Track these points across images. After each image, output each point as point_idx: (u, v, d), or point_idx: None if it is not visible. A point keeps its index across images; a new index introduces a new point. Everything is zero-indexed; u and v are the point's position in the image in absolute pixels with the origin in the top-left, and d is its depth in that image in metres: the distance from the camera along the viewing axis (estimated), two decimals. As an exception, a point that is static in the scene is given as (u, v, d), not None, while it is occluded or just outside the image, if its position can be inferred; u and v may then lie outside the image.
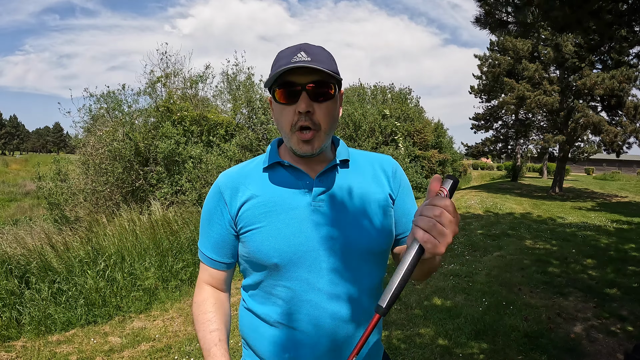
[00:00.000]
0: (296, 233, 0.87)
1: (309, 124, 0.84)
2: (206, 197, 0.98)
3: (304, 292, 0.87)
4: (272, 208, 0.88)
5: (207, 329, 0.93)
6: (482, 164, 46.72)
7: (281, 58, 0.85)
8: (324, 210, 0.89)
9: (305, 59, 0.82)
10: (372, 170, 0.97)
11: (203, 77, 10.04)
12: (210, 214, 0.95)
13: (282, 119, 0.87)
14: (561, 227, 7.85)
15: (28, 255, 4.10)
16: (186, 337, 3.33)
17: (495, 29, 3.95)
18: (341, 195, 0.91)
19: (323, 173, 0.91)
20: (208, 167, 7.87)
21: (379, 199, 0.94)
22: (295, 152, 0.89)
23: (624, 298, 3.95)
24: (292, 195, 0.89)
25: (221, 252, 0.95)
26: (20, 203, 18.07)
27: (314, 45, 0.88)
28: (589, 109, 13.98)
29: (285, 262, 0.86)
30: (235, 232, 0.93)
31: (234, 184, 0.93)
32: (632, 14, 3.72)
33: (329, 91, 0.85)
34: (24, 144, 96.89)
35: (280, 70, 0.81)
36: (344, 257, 0.88)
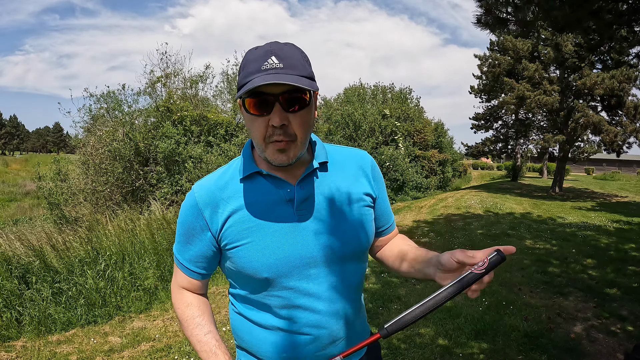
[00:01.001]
0: (283, 245, 0.86)
1: (283, 137, 0.79)
2: (182, 208, 0.93)
3: (296, 298, 0.88)
4: (256, 222, 0.86)
5: (201, 332, 0.93)
6: (482, 163, 46.73)
7: (250, 62, 0.78)
8: (308, 218, 0.88)
9: (277, 65, 0.76)
10: (351, 169, 0.96)
11: (203, 77, 10.05)
12: (189, 230, 0.91)
13: (254, 130, 0.81)
14: (561, 227, 7.86)
15: (28, 255, 4.10)
16: (186, 337, 3.33)
17: (496, 28, 3.95)
18: (323, 201, 0.90)
19: (303, 179, 0.88)
20: (208, 167, 7.87)
21: (360, 199, 0.94)
22: (271, 162, 0.84)
23: (624, 298, 3.95)
24: (275, 206, 0.87)
25: (200, 265, 0.94)
26: (20, 203, 18.08)
27: (284, 44, 0.81)
28: (589, 109, 13.98)
29: (275, 275, 0.87)
30: (216, 248, 0.91)
31: (213, 199, 0.88)
32: (632, 13, 3.72)
33: (303, 97, 0.79)
34: (24, 144, 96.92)
35: (252, 87, 0.74)
36: (331, 261, 0.89)
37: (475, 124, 19.78)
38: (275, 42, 0.81)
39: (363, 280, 0.99)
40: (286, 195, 0.87)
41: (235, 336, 1.02)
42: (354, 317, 0.96)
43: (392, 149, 14.94)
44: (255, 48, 0.81)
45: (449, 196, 13.89)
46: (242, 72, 0.80)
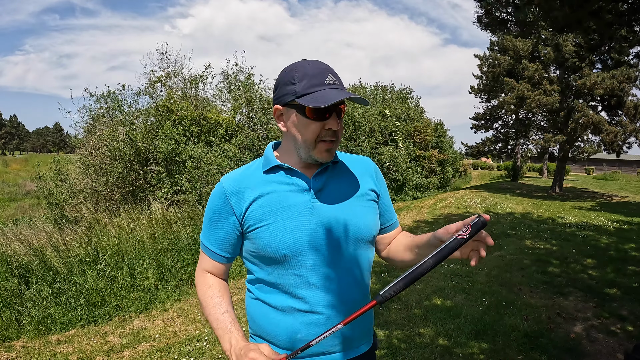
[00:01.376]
0: (300, 226, 0.98)
1: (333, 139, 0.98)
2: (210, 197, 1.06)
3: (311, 277, 0.98)
4: (276, 207, 0.99)
5: (219, 311, 1.01)
6: (482, 163, 46.72)
7: (311, 76, 0.94)
8: (321, 205, 1.01)
9: (335, 82, 0.95)
10: (357, 169, 1.11)
11: (203, 77, 10.04)
12: (216, 216, 1.03)
13: (307, 132, 0.96)
14: (561, 227, 7.85)
15: (28, 255, 4.10)
16: (186, 337, 3.33)
17: (496, 28, 3.95)
18: (335, 191, 1.04)
19: (318, 173, 1.03)
20: (208, 167, 7.87)
21: (366, 193, 1.08)
22: (316, 160, 0.99)
23: (624, 298, 3.95)
24: (293, 193, 1.00)
25: (224, 248, 1.05)
26: (20, 203, 18.07)
27: (328, 65, 0.99)
28: (589, 109, 13.97)
29: (293, 252, 0.97)
30: (240, 232, 1.02)
31: (239, 188, 1.01)
32: (632, 13, 3.72)
33: (344, 110, 0.99)
34: (24, 143, 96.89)
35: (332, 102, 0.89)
36: (341, 243, 1.01)
37: (475, 124, 19.77)
38: (321, 61, 0.99)
39: (371, 266, 1.09)
40: (303, 186, 1.01)
41: (252, 323, 1.09)
42: (363, 299, 1.05)
43: (392, 149, 14.94)
44: (309, 64, 0.97)
45: (449, 196, 13.89)
46: (301, 82, 0.94)
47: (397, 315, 3.58)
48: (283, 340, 1.01)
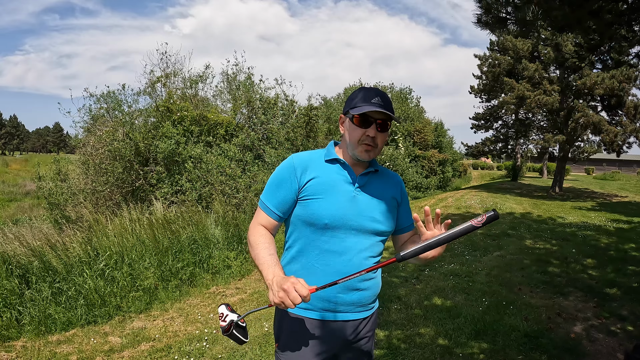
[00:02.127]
0: (341, 207, 1.29)
1: (371, 143, 1.28)
2: (279, 167, 1.36)
3: (339, 245, 1.29)
4: (328, 187, 1.30)
5: (267, 252, 1.25)
6: (482, 163, 46.70)
7: (363, 96, 1.28)
8: (361, 196, 1.32)
9: (380, 103, 1.25)
10: (389, 180, 1.44)
11: (203, 77, 10.03)
12: (281, 180, 1.33)
13: (353, 134, 1.29)
14: (561, 227, 7.85)
15: (28, 255, 4.10)
16: (186, 337, 3.33)
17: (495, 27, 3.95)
18: (371, 189, 1.36)
19: (364, 174, 1.35)
20: (208, 167, 7.86)
21: (392, 198, 1.40)
22: (357, 157, 1.31)
23: (624, 298, 3.95)
24: (342, 182, 1.32)
25: (280, 208, 1.33)
26: (20, 203, 18.06)
27: (383, 92, 1.32)
28: (589, 109, 13.96)
29: (332, 223, 1.27)
30: (296, 198, 1.32)
31: (305, 164, 1.33)
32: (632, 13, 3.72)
33: (387, 125, 1.30)
34: (24, 144, 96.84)
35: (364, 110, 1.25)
36: (363, 230, 1.31)
37: (475, 124, 19.75)
38: (377, 89, 1.32)
39: (380, 255, 1.38)
40: (351, 179, 1.33)
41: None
42: (371, 277, 1.36)
43: (392, 149, 14.94)
44: (367, 89, 1.31)
45: (449, 196, 13.88)
46: (354, 99, 1.30)
47: (397, 315, 3.58)
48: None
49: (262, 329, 3.41)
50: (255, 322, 3.55)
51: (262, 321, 3.56)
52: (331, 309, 1.31)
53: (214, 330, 3.45)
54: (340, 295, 1.30)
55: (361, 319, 1.37)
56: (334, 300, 1.30)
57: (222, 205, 6.75)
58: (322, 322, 1.32)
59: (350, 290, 1.31)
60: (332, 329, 1.33)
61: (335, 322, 1.33)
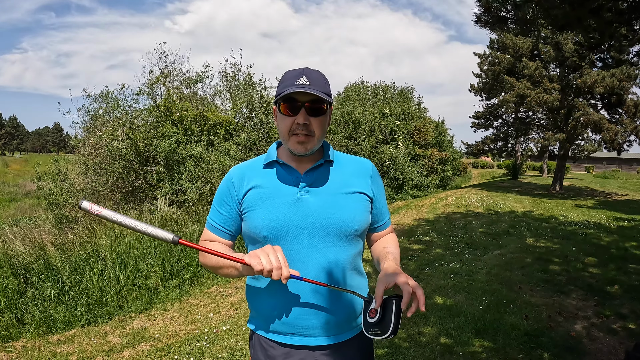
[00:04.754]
0: (282, 214, 1.11)
1: (304, 132, 1.08)
2: (220, 183, 1.24)
3: (289, 260, 1.07)
4: (267, 195, 1.14)
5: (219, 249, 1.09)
6: (482, 162, 46.68)
7: (286, 79, 1.09)
8: (307, 198, 1.13)
9: (306, 82, 1.06)
10: (352, 169, 1.22)
11: (202, 77, 10.01)
12: (221, 196, 1.20)
13: (282, 126, 1.11)
14: (562, 225, 7.85)
15: (30, 255, 4.09)
16: (186, 337, 3.33)
17: (495, 26, 3.94)
18: (323, 188, 1.15)
19: (310, 170, 1.15)
20: (209, 166, 7.86)
21: (356, 192, 1.18)
22: (292, 152, 1.12)
23: (624, 296, 3.95)
24: (283, 186, 1.14)
25: (226, 224, 1.20)
26: (20, 203, 18.06)
27: (313, 70, 1.12)
28: (589, 107, 13.95)
29: (272, 235, 1.10)
30: (239, 212, 1.18)
31: (242, 175, 1.18)
32: (632, 12, 3.70)
33: (322, 107, 1.09)
34: (23, 144, 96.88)
35: (286, 92, 1.05)
36: (321, 233, 1.11)
37: (475, 123, 19.75)
38: (307, 68, 1.12)
39: (351, 262, 1.17)
40: (294, 180, 1.15)
41: (247, 296, 1.25)
42: (337, 292, 1.13)
43: (392, 148, 14.93)
44: (292, 70, 1.11)
45: (449, 195, 13.88)
46: (280, 86, 1.10)
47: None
48: (266, 315, 1.15)
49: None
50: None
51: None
52: (299, 333, 1.13)
53: (214, 329, 3.45)
54: (305, 317, 1.12)
55: (342, 342, 1.16)
56: (300, 324, 1.12)
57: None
58: (291, 347, 1.14)
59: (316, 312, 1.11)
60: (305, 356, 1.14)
61: (307, 347, 1.13)
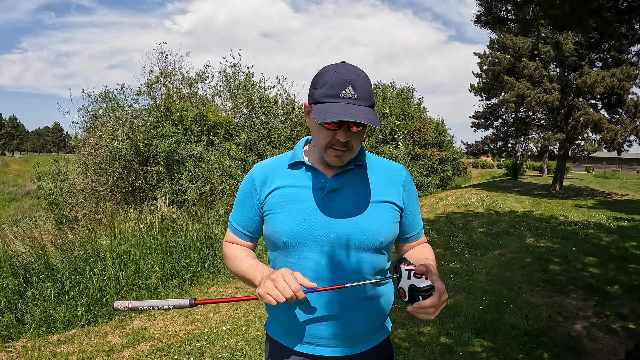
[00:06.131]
0: (305, 220, 1.03)
1: (344, 149, 1.00)
2: (242, 182, 1.18)
3: (308, 268, 1.04)
4: (291, 198, 1.06)
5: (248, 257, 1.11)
6: (482, 162, 46.69)
7: (330, 85, 0.94)
8: (332, 204, 1.05)
9: (353, 95, 0.93)
10: (384, 175, 1.12)
11: (202, 77, 10.02)
12: (243, 196, 1.15)
13: (319, 137, 1.00)
14: (562, 225, 7.85)
15: (30, 255, 4.09)
16: (186, 337, 3.33)
17: (495, 26, 3.94)
18: (349, 194, 1.06)
19: (338, 174, 1.07)
20: (209, 166, 7.86)
21: (385, 200, 1.08)
22: (326, 161, 1.04)
23: (624, 296, 3.95)
24: (308, 190, 1.06)
25: (248, 226, 1.15)
26: (20, 203, 18.06)
27: (358, 74, 0.96)
28: (589, 107, 13.95)
29: (292, 242, 1.04)
30: (260, 214, 1.12)
31: (264, 175, 1.11)
32: (632, 11, 3.71)
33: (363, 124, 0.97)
34: (23, 144, 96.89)
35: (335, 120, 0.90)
36: (343, 243, 1.04)
37: (475, 123, 19.77)
38: (352, 67, 0.97)
39: (373, 275, 1.09)
40: (320, 184, 1.06)
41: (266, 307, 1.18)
42: (355, 301, 1.06)
43: (392, 148, 14.93)
44: (335, 71, 0.95)
45: (449, 195, 13.88)
46: (321, 89, 0.96)
47: (397, 314, 3.58)
48: (280, 322, 1.11)
49: (262, 328, 3.40)
50: (256, 322, 3.56)
51: (263, 320, 3.56)
52: (314, 342, 1.08)
53: (214, 329, 3.45)
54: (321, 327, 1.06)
55: (358, 353, 1.10)
56: (315, 333, 1.06)
57: (222, 204, 6.75)
58: (305, 356, 1.09)
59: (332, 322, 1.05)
60: None
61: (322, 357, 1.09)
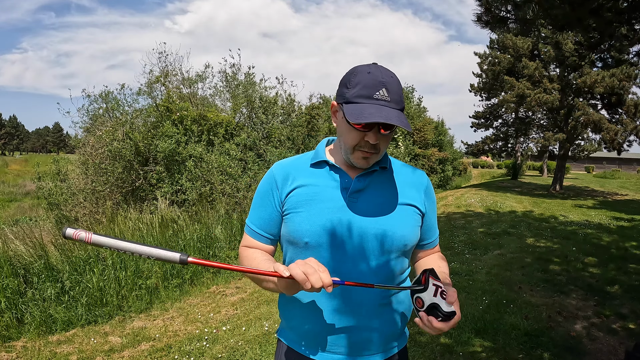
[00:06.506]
0: (327, 220, 1.00)
1: (371, 150, 0.97)
2: (261, 181, 1.13)
3: (329, 270, 0.96)
4: (313, 197, 1.02)
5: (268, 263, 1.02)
6: (482, 162, 46.68)
7: (363, 85, 0.93)
8: (356, 205, 1.02)
9: (386, 97, 0.92)
10: (407, 179, 1.10)
11: (202, 77, 10.02)
12: (262, 195, 1.10)
13: (348, 137, 0.98)
14: (562, 225, 7.85)
15: (31, 255, 4.09)
16: (186, 337, 3.33)
17: (495, 26, 3.94)
18: (375, 195, 1.04)
19: (362, 175, 1.04)
20: (209, 166, 7.86)
21: (409, 203, 1.07)
22: (351, 163, 1.02)
23: (624, 296, 3.95)
24: (331, 190, 1.03)
25: (267, 227, 1.09)
26: (20, 203, 18.06)
27: (390, 76, 0.95)
28: (589, 107, 13.95)
29: (313, 242, 1.00)
30: (280, 213, 1.07)
31: (286, 173, 1.08)
32: (632, 12, 3.71)
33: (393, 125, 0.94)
34: (23, 144, 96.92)
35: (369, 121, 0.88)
36: (367, 245, 1.00)
37: (475, 123, 19.76)
38: (385, 69, 0.96)
39: (397, 278, 1.07)
40: (344, 184, 1.04)
41: (279, 307, 1.15)
42: (376, 307, 1.03)
43: (392, 148, 14.93)
44: (369, 71, 0.94)
45: (449, 194, 13.88)
46: (353, 89, 0.94)
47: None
48: (296, 327, 1.07)
49: (262, 328, 3.40)
50: (256, 322, 3.55)
51: (262, 320, 3.56)
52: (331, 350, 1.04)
53: (214, 329, 3.45)
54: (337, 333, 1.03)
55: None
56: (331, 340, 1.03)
57: (222, 204, 6.75)
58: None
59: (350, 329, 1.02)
60: None
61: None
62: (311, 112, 9.68)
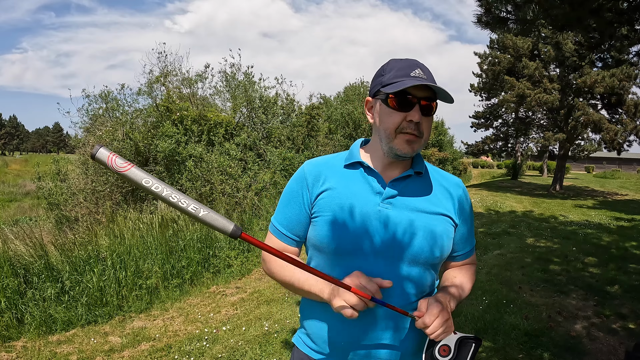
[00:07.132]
0: (358, 227, 0.95)
1: (416, 132, 0.94)
2: (291, 178, 1.08)
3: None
4: (344, 201, 0.97)
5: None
6: (482, 162, 46.67)
7: (396, 69, 0.95)
8: (389, 212, 0.97)
9: (422, 76, 0.93)
10: (442, 188, 1.05)
11: (202, 77, 10.02)
12: (291, 195, 1.05)
13: (389, 121, 0.95)
14: (562, 225, 7.85)
15: (31, 255, 4.09)
16: (186, 337, 3.33)
17: (496, 27, 3.94)
18: (408, 203, 0.98)
19: (397, 179, 0.99)
20: (209, 166, 7.86)
21: (442, 214, 1.01)
22: (395, 152, 0.96)
23: (624, 296, 3.95)
24: (364, 194, 0.98)
25: (294, 228, 1.04)
26: (20, 203, 18.06)
27: (423, 64, 0.97)
28: (589, 107, 13.95)
29: (342, 249, 0.96)
30: (308, 214, 1.02)
31: (317, 173, 1.03)
32: (632, 12, 3.70)
33: (433, 107, 0.95)
34: (23, 144, 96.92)
35: (403, 86, 0.89)
36: (395, 256, 0.96)
37: (475, 123, 19.74)
38: (416, 60, 0.98)
39: (425, 290, 1.02)
40: (377, 189, 0.99)
41: (300, 312, 1.11)
42: (404, 320, 0.98)
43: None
44: (399, 60, 0.98)
45: (449, 195, 13.87)
46: (388, 74, 0.95)
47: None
48: (313, 332, 1.03)
49: (262, 328, 3.40)
50: (256, 322, 3.55)
51: (262, 320, 3.56)
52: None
53: (214, 329, 3.45)
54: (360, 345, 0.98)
55: None
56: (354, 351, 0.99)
57: (222, 204, 6.75)
58: None
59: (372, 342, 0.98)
60: None
61: None
62: (311, 112, 9.68)
